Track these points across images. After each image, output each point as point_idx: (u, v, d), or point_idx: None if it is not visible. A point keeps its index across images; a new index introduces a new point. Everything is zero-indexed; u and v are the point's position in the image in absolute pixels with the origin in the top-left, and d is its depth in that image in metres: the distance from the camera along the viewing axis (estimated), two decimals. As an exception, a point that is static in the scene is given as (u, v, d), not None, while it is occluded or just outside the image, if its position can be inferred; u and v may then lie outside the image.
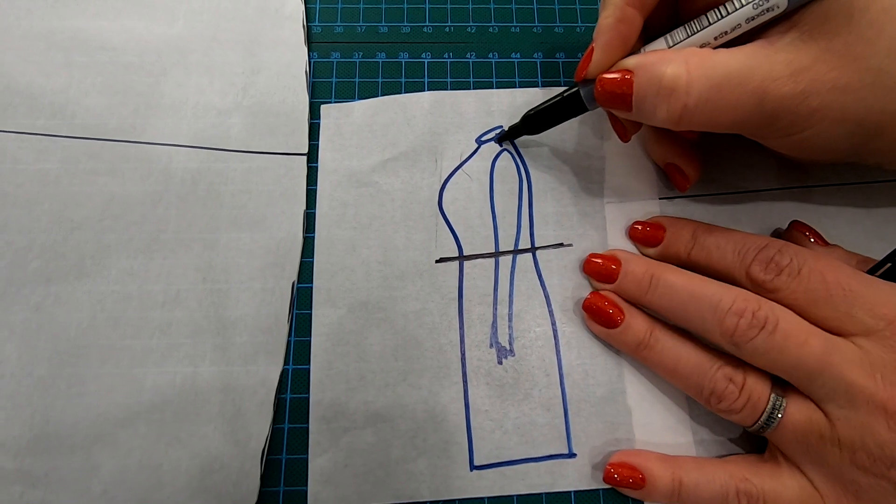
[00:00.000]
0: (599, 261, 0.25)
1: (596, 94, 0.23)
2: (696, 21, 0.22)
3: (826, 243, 0.25)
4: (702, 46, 0.22)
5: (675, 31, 0.22)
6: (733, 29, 0.21)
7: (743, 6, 0.21)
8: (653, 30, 0.23)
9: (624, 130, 0.25)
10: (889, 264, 0.22)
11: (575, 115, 0.25)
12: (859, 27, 0.19)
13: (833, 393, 0.20)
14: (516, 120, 0.27)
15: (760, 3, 0.20)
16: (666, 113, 0.21)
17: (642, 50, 0.23)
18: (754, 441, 0.23)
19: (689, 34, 0.22)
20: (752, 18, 0.21)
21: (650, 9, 0.22)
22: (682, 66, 0.21)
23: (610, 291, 0.25)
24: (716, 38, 0.22)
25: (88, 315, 0.25)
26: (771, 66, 0.20)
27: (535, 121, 0.26)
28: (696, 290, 0.22)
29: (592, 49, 0.23)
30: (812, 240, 0.25)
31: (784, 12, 0.20)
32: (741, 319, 0.21)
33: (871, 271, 0.22)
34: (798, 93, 0.20)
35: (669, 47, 0.22)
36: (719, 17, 0.21)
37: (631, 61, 0.22)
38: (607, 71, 0.23)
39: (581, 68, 0.23)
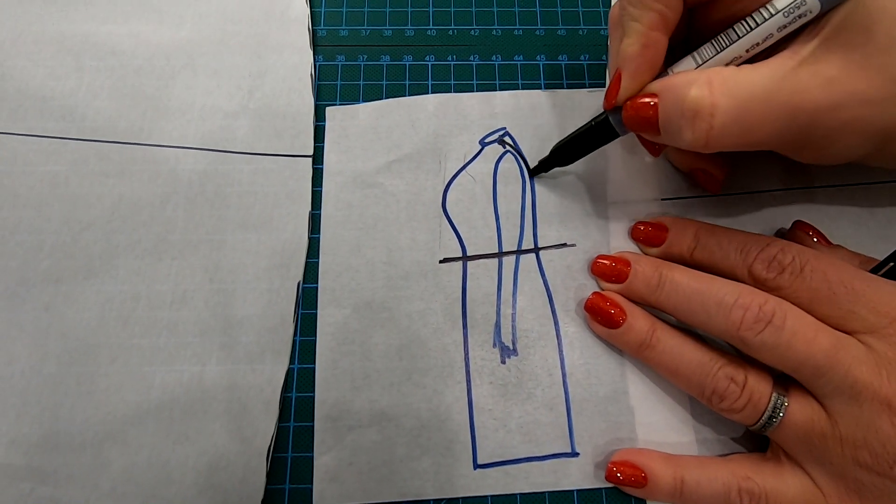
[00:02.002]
0: (609, 262, 0.25)
1: (624, 120, 0.23)
2: (723, 35, 0.21)
3: (829, 243, 0.25)
4: (731, 62, 0.21)
5: (702, 48, 0.22)
6: (764, 40, 0.20)
7: (773, 15, 0.20)
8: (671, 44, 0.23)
9: (654, 148, 0.25)
10: (892, 263, 0.22)
11: (606, 143, 0.25)
12: (876, 38, 0.19)
13: (838, 390, 0.20)
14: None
15: (792, 10, 0.19)
16: (692, 136, 0.21)
17: (669, 71, 0.22)
18: (757, 440, 0.24)
19: (718, 50, 0.21)
20: (784, 27, 0.20)
21: (673, 29, 0.22)
22: (705, 87, 0.20)
23: (612, 292, 0.25)
24: (747, 51, 0.21)
25: (97, 314, 0.25)
26: (798, 78, 0.20)
27: (566, 151, 0.26)
28: (703, 287, 0.22)
29: (620, 76, 0.22)
30: (815, 239, 0.25)
31: (814, 17, 0.20)
32: (747, 312, 0.21)
33: (874, 271, 0.22)
34: (830, 105, 0.19)
35: (697, 66, 0.22)
36: (748, 28, 0.20)
37: (656, 85, 0.22)
38: (634, 97, 0.22)
39: (610, 96, 0.23)
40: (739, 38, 0.21)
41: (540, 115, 0.28)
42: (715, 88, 0.20)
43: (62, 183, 0.27)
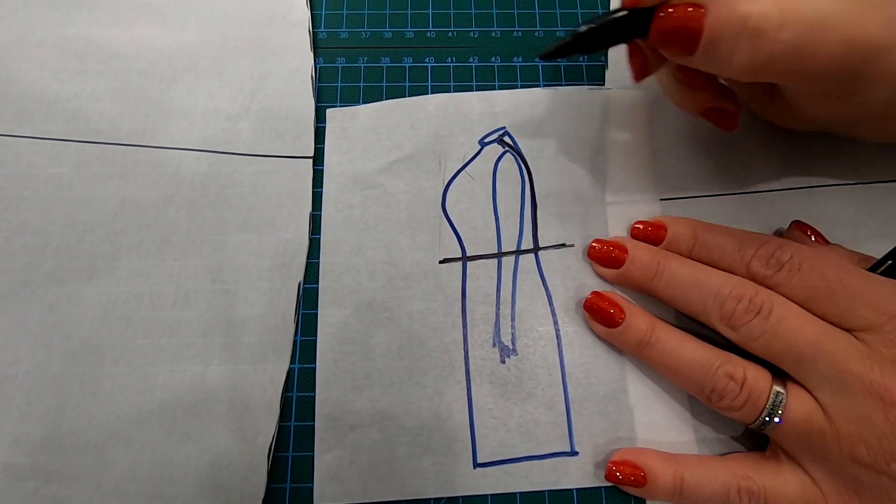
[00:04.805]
0: (605, 246, 0.25)
1: (652, 30, 0.20)
2: None
3: (827, 242, 0.25)
4: None
5: None
6: None
7: None
8: None
9: (643, 69, 0.22)
10: (890, 262, 0.22)
11: (630, 39, 0.22)
12: None
13: (826, 380, 0.20)
14: (518, 114, 0.27)
15: None
16: (748, 59, 0.18)
17: None
18: (756, 439, 0.24)
19: None
20: None
21: None
22: (773, 3, 0.18)
23: (611, 292, 0.25)
24: None
25: (101, 315, 0.25)
26: (861, 9, 0.18)
27: (586, 41, 0.22)
28: (700, 277, 0.22)
29: None
30: (814, 239, 0.25)
31: None
32: (739, 304, 0.21)
33: (872, 269, 0.22)
34: (886, 44, 0.18)
35: None
36: None
37: None
38: (668, 4, 0.19)
39: None
40: None
41: (540, 113, 0.28)
42: (785, 6, 0.18)
43: (66, 185, 0.27)
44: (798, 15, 0.18)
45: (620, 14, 0.21)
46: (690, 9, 0.19)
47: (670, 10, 0.19)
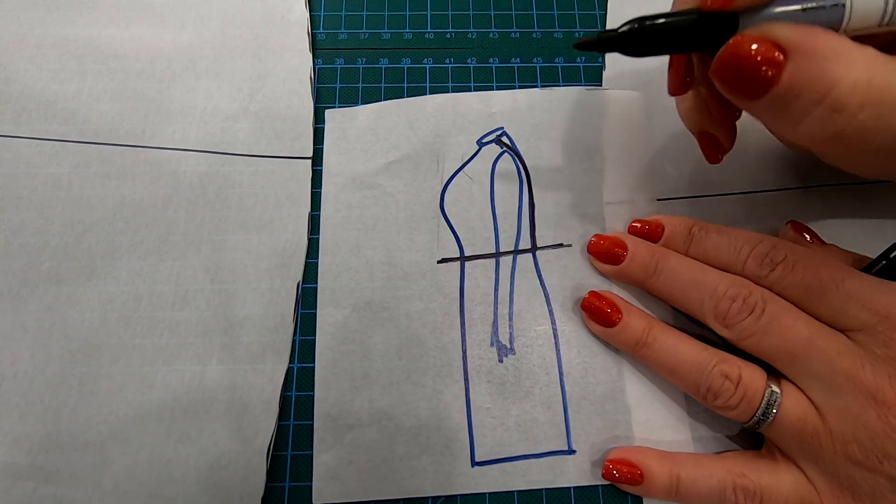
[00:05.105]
0: (604, 242, 0.25)
1: (718, 59, 0.16)
2: None
3: (823, 242, 0.25)
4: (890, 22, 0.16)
5: None
6: None
7: None
8: None
9: (683, 84, 0.20)
10: (884, 262, 0.23)
11: (692, 50, 0.18)
12: None
13: (818, 379, 0.20)
14: (518, 117, 0.27)
15: None
16: (816, 130, 0.16)
17: (801, 2, 0.16)
18: (752, 438, 0.24)
19: (891, 4, 0.15)
20: None
21: None
22: (864, 76, 0.15)
23: (609, 292, 0.25)
24: None
25: (100, 315, 0.25)
26: None
27: (640, 39, 0.18)
28: (697, 276, 0.23)
29: None
30: (809, 238, 0.25)
31: None
32: (733, 304, 0.21)
33: (867, 269, 0.22)
34: None
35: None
36: None
37: (786, 32, 0.16)
38: (746, 34, 0.16)
39: None
40: None
41: (538, 113, 0.29)
42: (875, 82, 0.15)
43: (65, 185, 0.27)
44: (881, 93, 0.16)
45: (688, 17, 0.17)
46: (775, 52, 0.16)
47: (749, 41, 0.16)
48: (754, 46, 0.16)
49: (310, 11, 0.31)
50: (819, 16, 0.16)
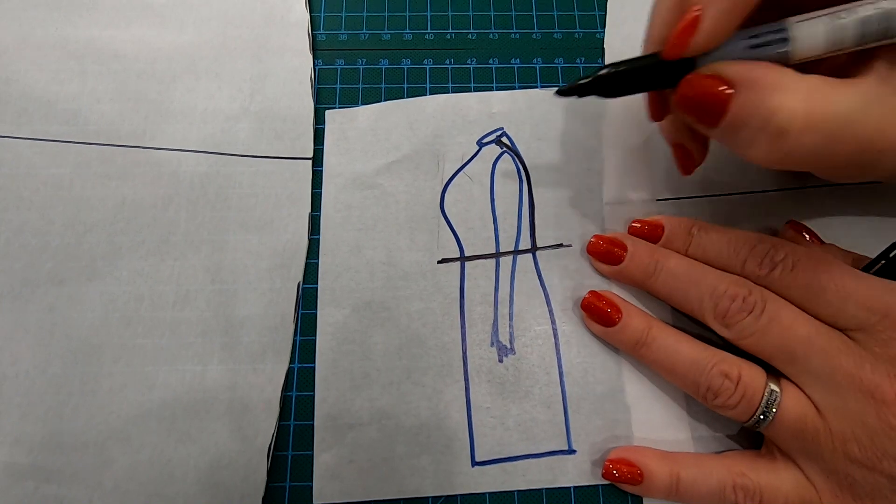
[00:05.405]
0: (604, 243, 0.25)
1: (678, 94, 0.19)
2: (845, 18, 0.17)
3: (822, 242, 0.25)
4: (833, 50, 0.18)
5: (809, 19, 0.17)
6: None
7: None
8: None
9: (660, 111, 0.22)
10: (883, 262, 0.23)
11: (658, 88, 0.21)
12: None
13: (818, 378, 0.20)
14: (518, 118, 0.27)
15: None
16: (765, 153, 0.18)
17: (788, 29, 0.18)
18: (752, 437, 0.24)
19: (832, 39, 0.17)
20: None
21: None
22: (802, 104, 0.17)
23: (609, 292, 0.25)
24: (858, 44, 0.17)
25: (101, 315, 0.25)
26: (883, 111, 0.17)
27: (610, 84, 0.21)
28: (697, 276, 0.23)
29: (698, 17, 0.18)
30: (808, 238, 0.25)
31: None
32: (733, 303, 0.21)
33: (866, 269, 0.23)
34: None
35: (786, 59, 0.17)
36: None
37: (733, 69, 0.18)
38: (699, 73, 0.18)
39: (678, 40, 0.18)
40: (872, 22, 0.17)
41: (538, 114, 0.29)
42: (814, 109, 0.17)
43: (66, 186, 0.27)
44: (824, 118, 0.17)
45: (649, 62, 0.20)
46: (721, 87, 0.18)
47: (701, 79, 0.18)
48: (705, 83, 0.18)
49: (310, 12, 0.31)
50: (767, 51, 0.18)
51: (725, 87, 0.18)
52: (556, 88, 0.22)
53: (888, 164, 0.18)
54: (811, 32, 0.18)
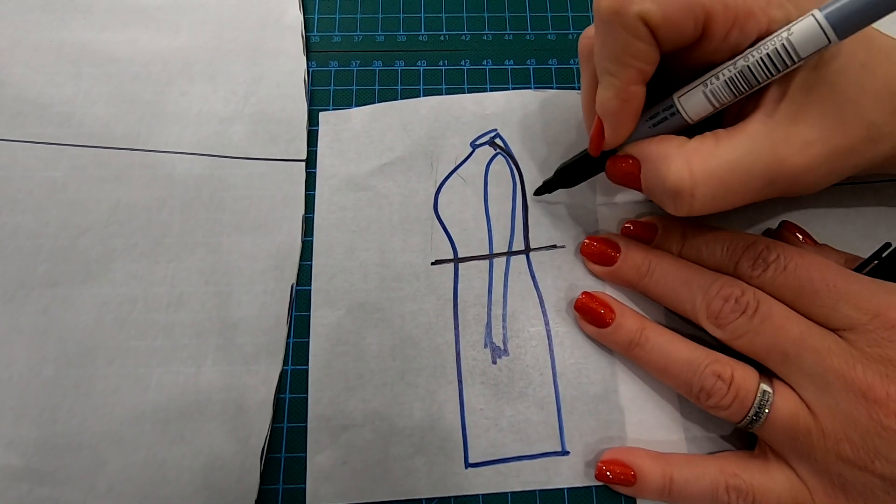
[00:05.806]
0: (597, 244, 0.25)
1: (607, 175, 0.23)
2: (738, 76, 0.20)
3: (816, 243, 0.25)
4: (719, 107, 0.21)
5: (711, 82, 0.20)
6: (758, 85, 0.20)
7: (797, 57, 0.18)
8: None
9: (600, 142, 0.23)
10: (876, 262, 0.23)
11: (598, 173, 0.25)
12: (844, 90, 0.20)
13: (810, 378, 0.20)
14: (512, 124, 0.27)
15: (789, 55, 0.18)
16: (675, 210, 0.21)
17: (676, 103, 0.21)
18: (745, 438, 0.24)
19: (735, 94, 0.20)
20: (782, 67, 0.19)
21: (650, 78, 0.21)
22: (685, 168, 0.20)
23: (602, 292, 0.25)
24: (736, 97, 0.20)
25: (95, 317, 0.25)
26: (774, 144, 0.19)
27: (568, 175, 0.26)
28: (690, 276, 0.23)
29: (601, 126, 0.22)
30: (801, 239, 0.25)
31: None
32: (726, 304, 0.21)
33: (859, 269, 0.23)
34: (808, 165, 0.20)
35: (709, 103, 0.20)
36: (766, 72, 0.19)
37: (636, 150, 0.22)
38: (616, 156, 0.23)
39: (595, 144, 0.23)
40: (759, 82, 0.20)
41: (531, 115, 0.29)
42: (695, 169, 0.20)
43: (60, 188, 0.27)
44: (709, 174, 0.20)
45: (582, 156, 0.25)
46: (630, 161, 0.22)
47: (617, 161, 0.23)
48: (619, 163, 0.23)
49: (304, 14, 0.31)
50: (668, 124, 0.22)
51: (634, 170, 0.22)
52: (535, 190, 0.27)
53: (812, 179, 0.20)
54: (694, 101, 0.21)
